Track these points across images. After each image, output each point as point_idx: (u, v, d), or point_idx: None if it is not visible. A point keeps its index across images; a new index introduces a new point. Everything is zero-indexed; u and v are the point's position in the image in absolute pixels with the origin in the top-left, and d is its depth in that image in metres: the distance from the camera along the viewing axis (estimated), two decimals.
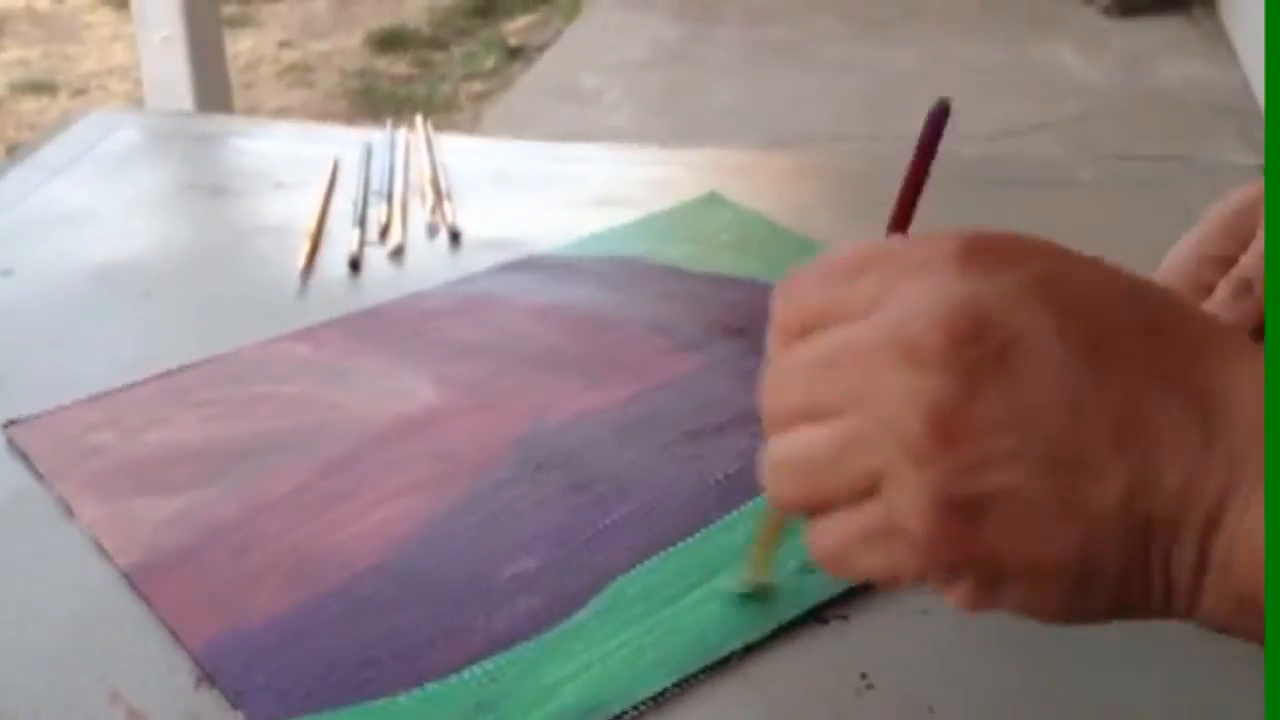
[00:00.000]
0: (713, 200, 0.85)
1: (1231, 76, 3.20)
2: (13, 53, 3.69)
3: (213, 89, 2.00)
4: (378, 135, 0.93)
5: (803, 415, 0.38)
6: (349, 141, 0.92)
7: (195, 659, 0.50)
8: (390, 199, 0.84)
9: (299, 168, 0.89)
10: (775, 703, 0.49)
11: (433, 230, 0.82)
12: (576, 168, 0.90)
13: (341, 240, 0.80)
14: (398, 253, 0.80)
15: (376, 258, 0.79)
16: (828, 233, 0.80)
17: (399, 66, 3.67)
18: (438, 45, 3.80)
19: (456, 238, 0.81)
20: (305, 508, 0.58)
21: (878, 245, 0.39)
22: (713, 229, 0.81)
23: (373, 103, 3.39)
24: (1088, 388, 0.35)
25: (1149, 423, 0.35)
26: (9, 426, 0.64)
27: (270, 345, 0.70)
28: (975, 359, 0.36)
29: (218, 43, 2.05)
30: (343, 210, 0.84)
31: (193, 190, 0.89)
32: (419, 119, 0.94)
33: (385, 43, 3.80)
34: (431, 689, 0.49)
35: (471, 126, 3.17)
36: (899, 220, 0.47)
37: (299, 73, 3.61)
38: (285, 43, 3.79)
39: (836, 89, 3.24)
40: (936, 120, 0.46)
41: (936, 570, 0.38)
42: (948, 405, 0.36)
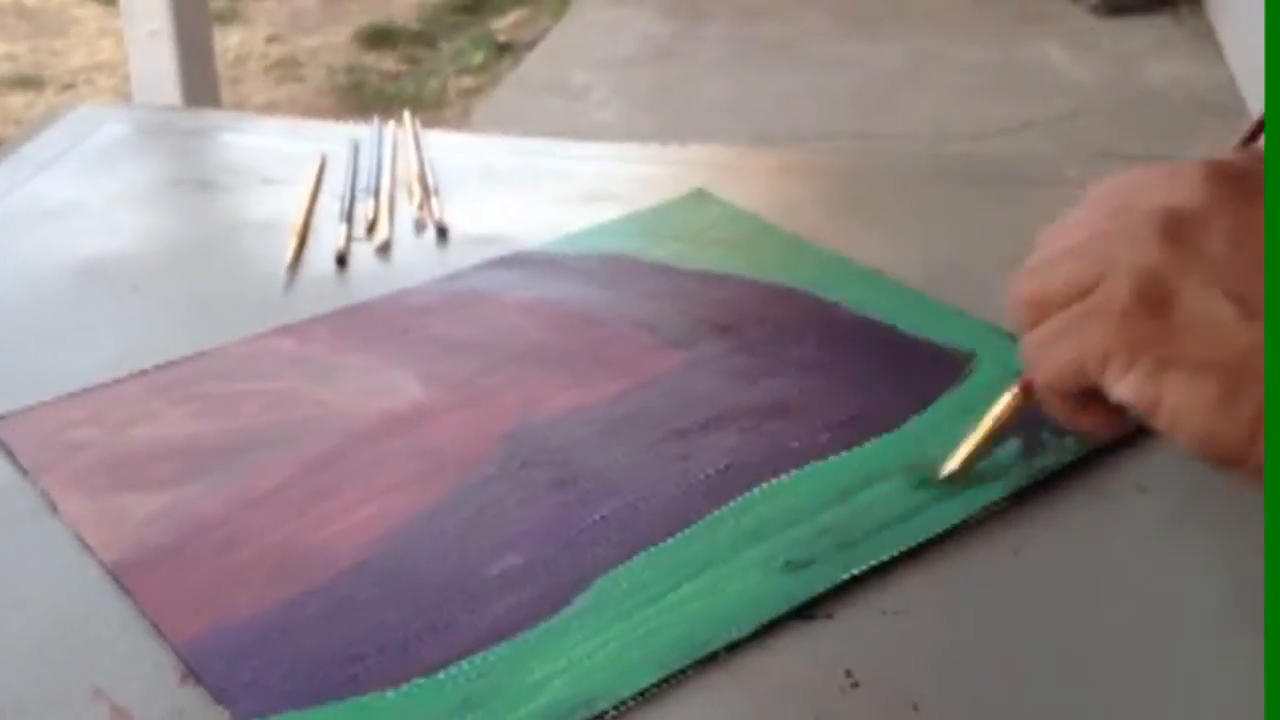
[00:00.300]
0: (700, 197, 0.85)
1: (1218, 75, 3.20)
2: None
3: (200, 84, 2.00)
4: (365, 131, 0.92)
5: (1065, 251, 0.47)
6: (336, 137, 0.92)
7: (179, 655, 0.50)
8: (378, 195, 0.84)
9: (286, 163, 0.89)
10: (760, 700, 0.49)
11: (420, 226, 0.82)
12: (565, 164, 0.90)
13: (328, 236, 0.80)
14: (385, 249, 0.79)
15: (364, 254, 0.79)
16: (816, 230, 0.80)
17: (387, 62, 3.66)
18: (426, 41, 3.79)
19: (444, 234, 0.81)
20: (290, 504, 0.58)
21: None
22: (700, 226, 0.81)
23: (361, 99, 3.38)
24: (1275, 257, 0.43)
25: None
26: None
27: (256, 341, 0.70)
28: (1224, 193, 0.44)
29: (206, 37, 2.04)
30: (330, 206, 0.84)
31: (179, 185, 0.88)
32: (407, 115, 0.94)
33: (374, 39, 3.79)
34: (417, 686, 0.49)
35: (460, 123, 3.16)
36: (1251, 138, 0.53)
37: (287, 68, 3.60)
38: (273, 38, 3.78)
39: (825, 86, 3.24)
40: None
41: (1120, 348, 0.44)
42: (1186, 212, 0.44)
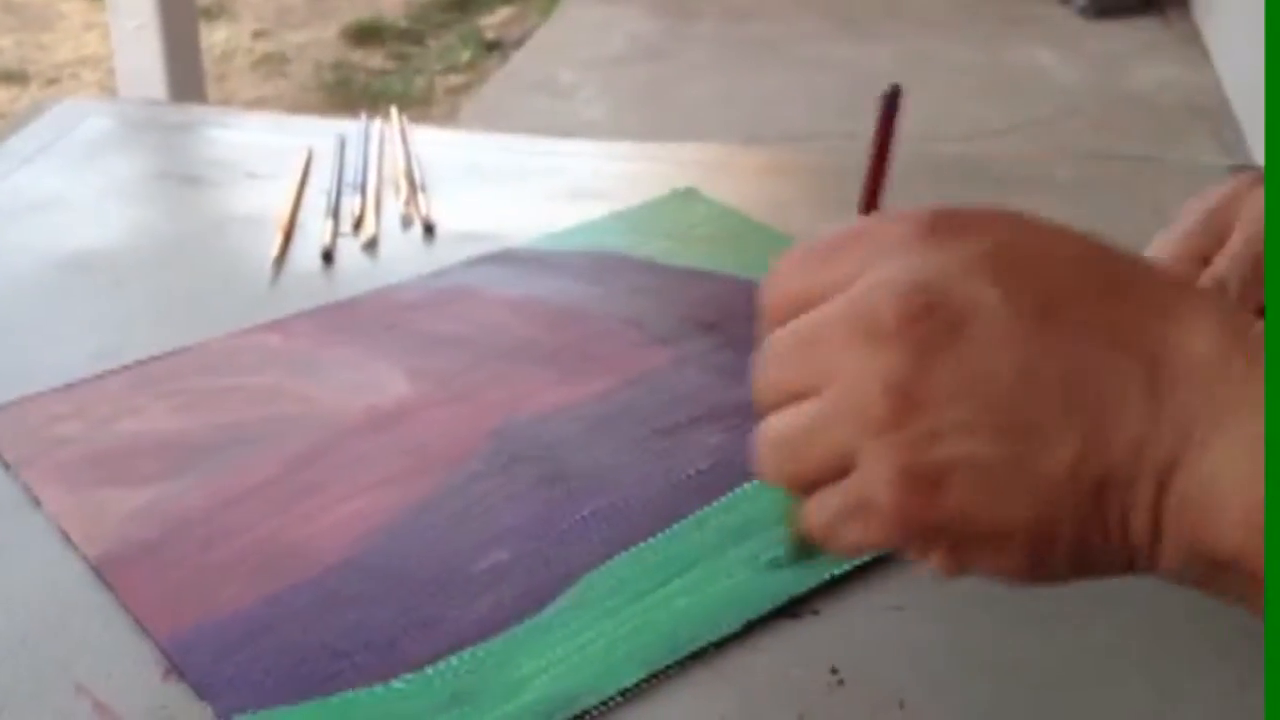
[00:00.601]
0: (688, 195, 0.85)
1: (1205, 78, 3.21)
2: None
3: (186, 80, 1.99)
4: (352, 126, 0.92)
5: (786, 395, 0.40)
6: (323, 132, 0.92)
7: (163, 651, 0.50)
8: (364, 190, 0.84)
9: (272, 158, 0.89)
10: (746, 697, 0.49)
11: (407, 222, 0.82)
12: (552, 161, 0.90)
13: (315, 231, 0.80)
14: (371, 244, 0.79)
15: (350, 249, 0.79)
16: (803, 229, 0.80)
17: (375, 59, 3.66)
18: (414, 38, 3.78)
19: (431, 230, 0.81)
20: (275, 500, 0.58)
21: (852, 227, 0.41)
22: (688, 224, 0.81)
23: (348, 95, 3.38)
24: (1035, 354, 0.37)
25: (1098, 385, 0.36)
26: None
27: (242, 336, 0.69)
28: (927, 333, 0.37)
29: (192, 33, 2.03)
30: (316, 201, 0.83)
31: (165, 179, 0.88)
32: (394, 111, 0.94)
33: (361, 35, 3.78)
34: (403, 682, 0.49)
35: (447, 121, 3.16)
36: (868, 204, 0.47)
37: (274, 64, 3.59)
38: (260, 33, 3.77)
39: (813, 86, 3.24)
40: (889, 104, 0.47)
41: (909, 540, 0.39)
42: (902, 379, 0.37)
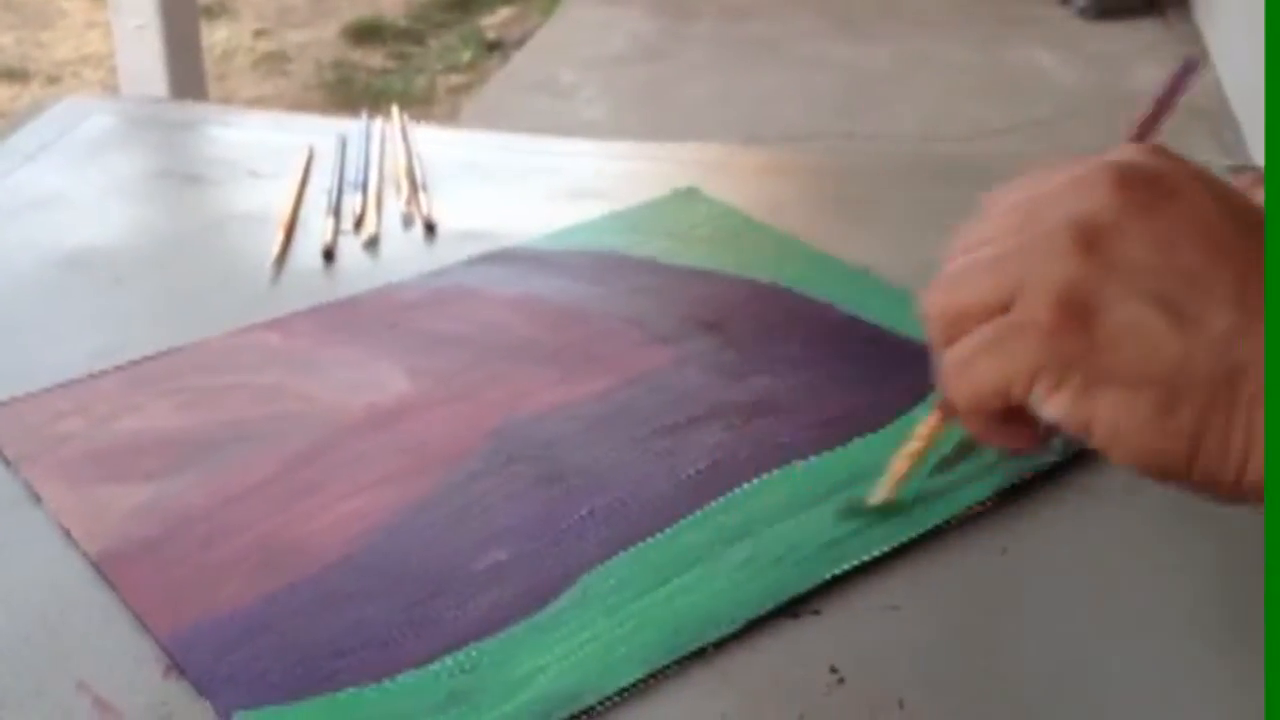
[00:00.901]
0: (688, 194, 0.85)
1: (1204, 80, 3.21)
2: None
3: (188, 79, 1.99)
4: (353, 125, 0.92)
5: (975, 243, 0.45)
6: (324, 131, 0.92)
7: (163, 648, 0.50)
8: (365, 189, 0.84)
9: (273, 156, 0.89)
10: (746, 696, 0.49)
11: (408, 221, 0.82)
12: (553, 160, 0.90)
13: (316, 230, 0.80)
14: (372, 243, 0.79)
15: (351, 248, 0.79)
16: (803, 228, 0.80)
17: (375, 59, 3.66)
18: (415, 38, 3.79)
19: (431, 229, 0.81)
20: (276, 498, 0.58)
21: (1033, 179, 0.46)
22: (688, 223, 0.81)
23: (349, 95, 3.38)
24: (1226, 244, 0.41)
25: (1257, 307, 0.40)
26: None
27: (242, 334, 0.70)
28: (1139, 198, 0.42)
29: (193, 31, 2.03)
30: (317, 200, 0.83)
31: (166, 178, 0.88)
32: (395, 109, 0.94)
33: (362, 34, 3.78)
34: (402, 680, 0.49)
35: (448, 120, 3.16)
36: (1141, 134, 0.52)
37: (275, 63, 3.60)
38: (261, 32, 3.78)
39: (812, 86, 3.24)
40: (1185, 71, 0.53)
41: (1047, 366, 0.42)
42: (1101, 221, 0.42)
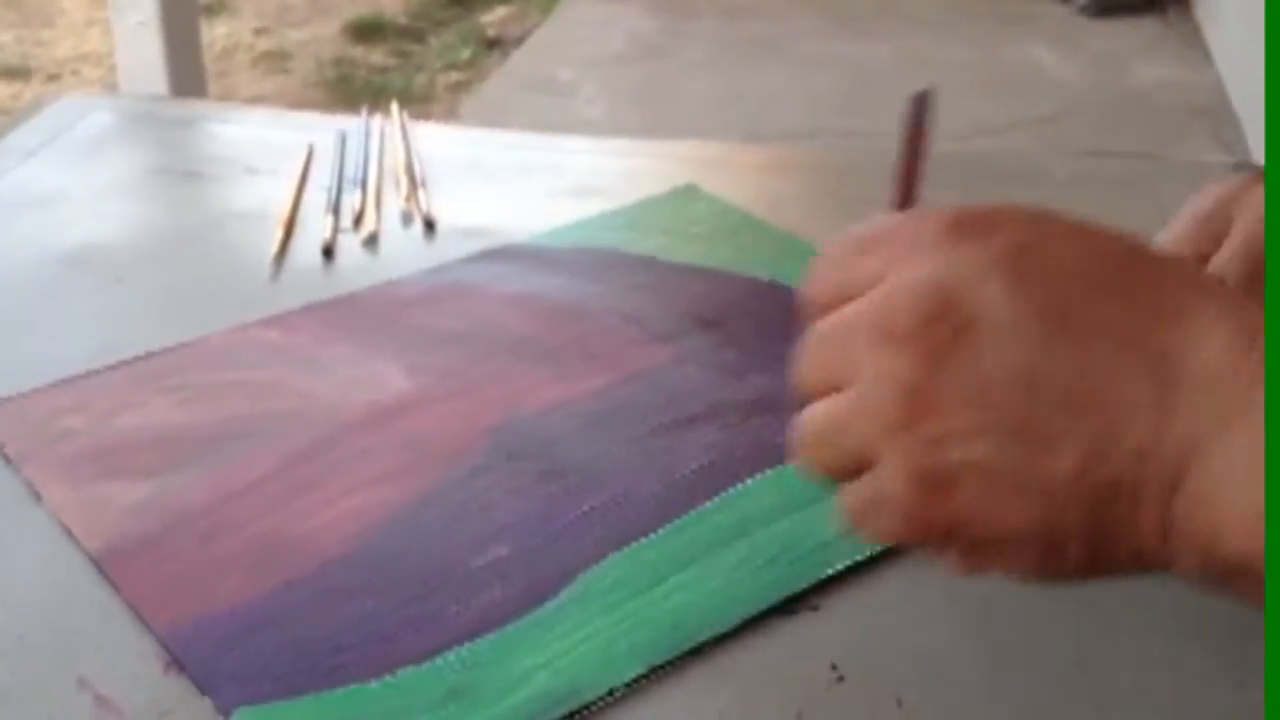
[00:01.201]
0: (687, 192, 0.85)
1: (1205, 78, 3.22)
2: None
3: (188, 76, 1.98)
4: (353, 122, 0.92)
5: (822, 385, 0.41)
6: (324, 128, 0.92)
7: (163, 645, 0.50)
8: (365, 186, 0.84)
9: (273, 154, 0.89)
10: (745, 693, 0.49)
11: (407, 218, 0.82)
12: (553, 158, 0.90)
13: (315, 227, 0.80)
14: (372, 240, 0.79)
15: (350, 245, 0.79)
16: (802, 226, 0.80)
17: (376, 56, 3.66)
18: (415, 36, 3.78)
19: (431, 226, 0.81)
20: (275, 495, 0.58)
21: (883, 223, 0.41)
22: (687, 220, 0.81)
23: (349, 92, 3.38)
24: (1042, 357, 0.37)
25: (1105, 387, 0.36)
26: None
27: (242, 331, 0.70)
28: (940, 337, 0.37)
29: (193, 29, 2.03)
30: (317, 197, 0.83)
31: (166, 175, 0.88)
32: (394, 107, 0.94)
33: (362, 32, 3.78)
34: (402, 676, 0.49)
35: (448, 117, 3.16)
36: (902, 201, 0.48)
37: (275, 60, 3.59)
38: (261, 30, 3.77)
39: (812, 84, 3.24)
40: (918, 106, 0.47)
41: (922, 538, 0.39)
42: (915, 381, 0.38)
